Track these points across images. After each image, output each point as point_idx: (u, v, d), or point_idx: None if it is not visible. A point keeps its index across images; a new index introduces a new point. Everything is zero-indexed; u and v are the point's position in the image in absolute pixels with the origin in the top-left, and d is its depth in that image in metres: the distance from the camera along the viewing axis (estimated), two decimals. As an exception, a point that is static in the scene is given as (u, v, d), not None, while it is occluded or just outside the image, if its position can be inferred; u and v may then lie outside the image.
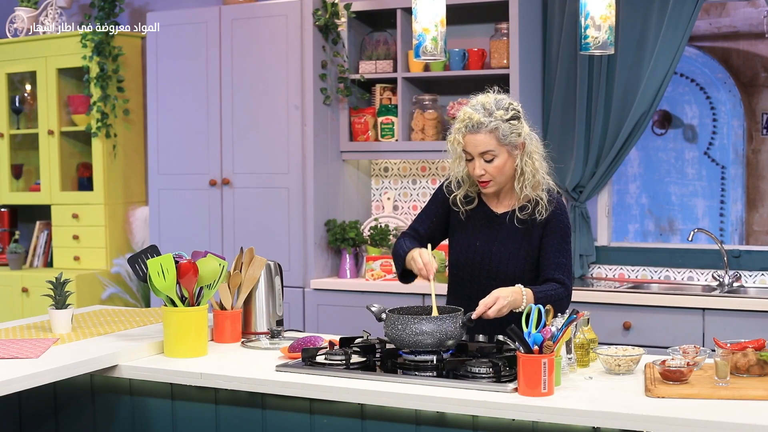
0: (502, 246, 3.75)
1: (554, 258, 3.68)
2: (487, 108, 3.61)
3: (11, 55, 7.18)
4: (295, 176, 5.91)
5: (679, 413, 2.78)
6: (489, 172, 3.63)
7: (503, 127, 3.59)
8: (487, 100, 3.65)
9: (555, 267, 3.67)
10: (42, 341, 3.75)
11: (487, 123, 3.59)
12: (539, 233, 3.72)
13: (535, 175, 3.67)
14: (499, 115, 3.60)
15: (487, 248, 3.76)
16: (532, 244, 3.73)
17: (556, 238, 3.71)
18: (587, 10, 3.61)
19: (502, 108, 3.62)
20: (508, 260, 3.74)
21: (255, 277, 4.07)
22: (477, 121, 3.59)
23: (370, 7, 5.99)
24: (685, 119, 7.98)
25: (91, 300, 6.66)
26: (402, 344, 3.39)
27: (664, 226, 7.97)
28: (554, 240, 3.70)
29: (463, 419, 3.07)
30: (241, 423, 3.45)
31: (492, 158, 3.61)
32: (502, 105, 3.63)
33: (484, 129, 3.59)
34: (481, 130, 3.59)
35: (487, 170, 3.63)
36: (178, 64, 6.27)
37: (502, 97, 3.67)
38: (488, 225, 3.78)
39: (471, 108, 3.64)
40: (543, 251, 3.71)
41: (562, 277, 3.66)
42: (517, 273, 3.72)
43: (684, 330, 5.02)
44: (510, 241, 3.73)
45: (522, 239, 3.73)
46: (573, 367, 3.33)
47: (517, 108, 3.67)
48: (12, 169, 7.30)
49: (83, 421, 3.79)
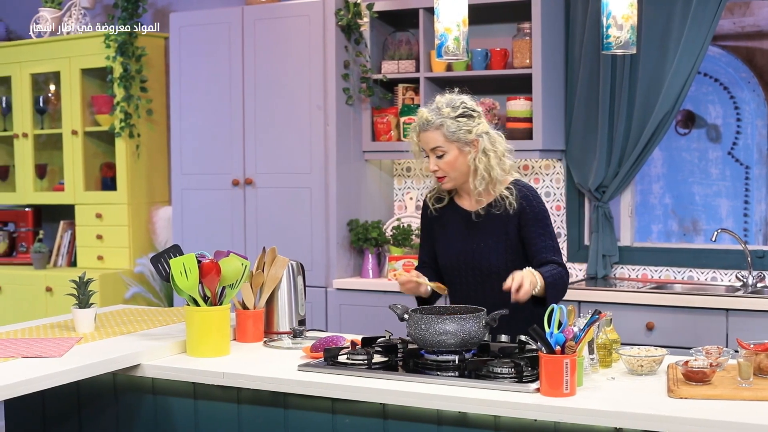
0: (481, 242, 3.86)
1: (540, 243, 3.79)
2: (438, 106, 3.81)
3: (35, 55, 7.21)
4: (318, 176, 5.92)
5: (701, 414, 2.77)
6: (441, 167, 3.81)
7: (448, 123, 3.77)
8: (440, 99, 3.85)
9: (544, 250, 3.78)
10: (65, 340, 3.77)
11: (434, 120, 3.78)
12: (515, 224, 3.82)
13: (490, 173, 3.80)
14: (446, 112, 3.78)
15: (469, 246, 3.88)
16: (509, 235, 3.83)
17: (535, 224, 3.81)
18: (609, 9, 3.59)
19: (451, 106, 3.80)
20: (489, 255, 3.84)
21: (277, 276, 4.07)
22: (425, 119, 3.80)
23: (393, 7, 5.99)
24: (709, 119, 7.94)
25: (115, 299, 6.68)
26: (425, 344, 3.39)
27: (687, 226, 7.94)
28: (533, 227, 3.81)
29: (485, 419, 3.07)
30: (264, 422, 3.46)
31: (442, 154, 3.79)
32: (452, 104, 3.81)
33: (431, 126, 3.79)
34: (430, 128, 3.79)
35: (439, 166, 3.80)
36: (201, 65, 6.29)
37: (456, 97, 3.86)
38: (464, 224, 3.90)
39: (425, 107, 3.85)
40: (527, 241, 3.81)
41: (554, 257, 3.77)
42: (501, 265, 3.81)
43: (707, 331, 5.00)
44: (488, 235, 3.83)
45: (499, 232, 3.83)
46: (595, 368, 3.32)
47: (469, 106, 3.83)
48: (36, 169, 7.34)
49: (106, 419, 3.81)
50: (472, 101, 3.87)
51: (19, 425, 4.06)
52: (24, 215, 7.48)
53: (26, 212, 7.48)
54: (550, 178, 5.94)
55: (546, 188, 5.95)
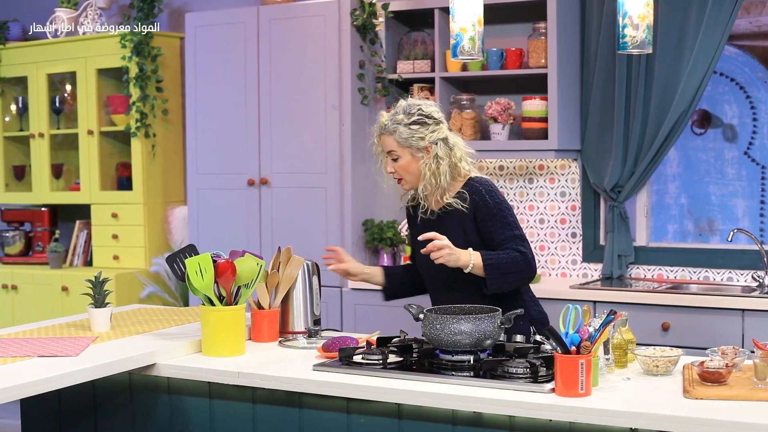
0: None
1: (501, 236, 3.84)
2: (395, 112, 3.93)
3: (51, 55, 7.24)
4: (333, 176, 5.92)
5: (717, 415, 2.76)
6: (396, 170, 3.94)
7: (401, 130, 3.87)
8: (400, 104, 3.96)
9: (505, 241, 3.82)
10: (81, 340, 3.78)
11: (388, 125, 3.91)
12: (471, 220, 3.88)
13: (437, 179, 3.89)
14: (400, 119, 3.89)
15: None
16: (467, 232, 3.89)
17: (491, 218, 3.87)
18: (625, 9, 3.59)
19: (406, 113, 3.90)
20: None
21: (292, 276, 4.08)
22: (382, 123, 3.94)
23: (408, 6, 5.99)
24: (725, 119, 7.90)
25: (130, 299, 6.70)
26: (440, 344, 3.39)
27: (703, 226, 7.91)
28: (490, 221, 3.86)
29: (500, 419, 3.07)
30: (279, 422, 3.47)
31: (397, 158, 3.92)
32: (408, 110, 3.91)
33: (386, 131, 3.92)
34: (385, 132, 3.92)
35: (395, 168, 3.93)
36: (216, 65, 6.30)
37: (414, 103, 3.95)
38: (430, 225, 3.95)
39: (387, 111, 3.98)
40: (487, 237, 3.87)
41: (514, 245, 3.80)
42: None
43: (723, 331, 4.98)
44: (448, 234, 3.84)
45: (458, 229, 3.89)
46: (611, 368, 3.32)
47: (425, 113, 3.92)
48: (52, 168, 7.36)
49: (122, 419, 3.82)
50: (432, 107, 3.95)
51: (35, 424, 4.07)
52: (40, 215, 7.51)
53: (42, 212, 7.50)
54: (565, 178, 5.93)
55: (561, 188, 5.95)
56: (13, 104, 7.55)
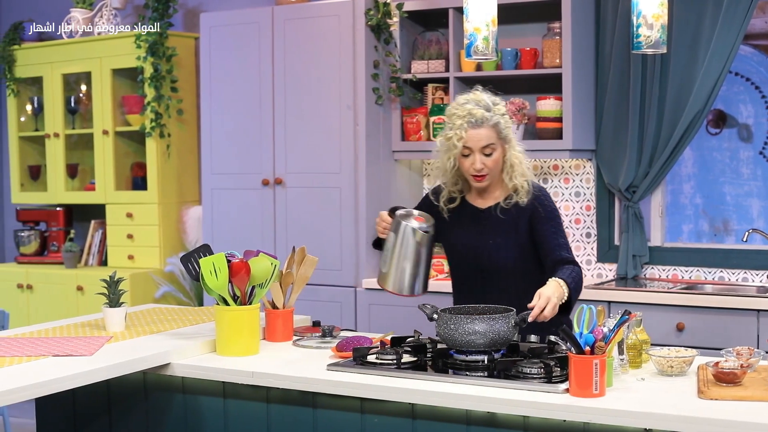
0: (491, 239, 3.85)
1: (554, 240, 3.79)
2: (484, 104, 3.80)
3: (67, 56, 7.26)
4: (347, 176, 5.92)
5: (731, 415, 2.76)
6: (487, 165, 3.79)
7: (502, 121, 3.80)
8: (479, 97, 3.83)
9: (559, 248, 3.77)
10: (96, 339, 3.79)
11: (489, 118, 3.77)
12: (526, 220, 3.83)
13: (522, 164, 3.85)
14: (497, 110, 3.80)
15: (480, 243, 3.88)
16: (519, 231, 3.83)
17: (548, 221, 3.82)
18: (639, 8, 3.58)
19: (497, 104, 3.83)
20: (499, 251, 3.84)
21: (307, 276, 4.08)
22: (480, 117, 3.76)
23: (422, 6, 5.99)
24: (740, 118, 7.87)
25: (145, 299, 6.71)
26: (454, 344, 3.39)
27: (718, 226, 7.88)
28: (546, 224, 3.81)
29: (514, 420, 3.07)
30: (293, 422, 3.47)
31: (491, 152, 3.79)
32: (496, 101, 3.84)
33: (486, 123, 3.77)
34: (484, 125, 3.77)
35: (486, 164, 3.79)
36: (231, 65, 6.30)
37: (491, 96, 3.86)
38: (476, 222, 3.90)
39: (468, 105, 3.80)
40: (540, 237, 3.81)
41: (569, 255, 3.77)
42: (509, 263, 3.83)
43: (738, 331, 4.97)
44: (498, 233, 3.83)
45: (509, 228, 3.84)
46: (625, 368, 3.31)
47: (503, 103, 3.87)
48: (67, 168, 7.38)
49: (136, 418, 3.82)
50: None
51: (50, 424, 4.09)
52: (55, 215, 7.52)
53: (57, 212, 7.52)
54: (580, 178, 5.93)
55: (576, 188, 5.94)
56: (29, 104, 7.58)
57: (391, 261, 3.85)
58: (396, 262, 3.84)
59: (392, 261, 3.84)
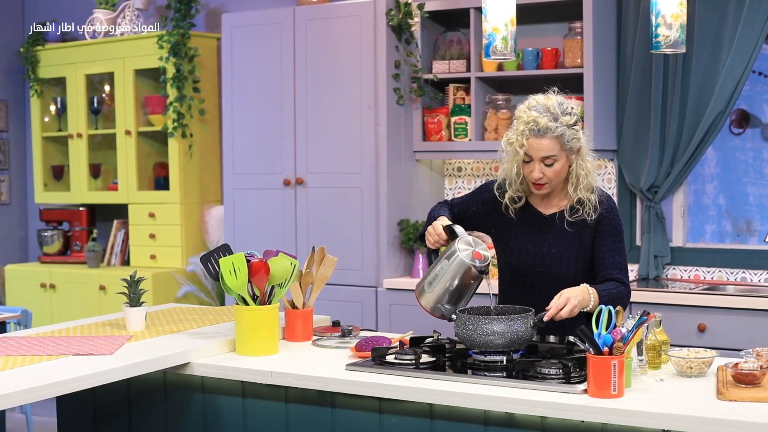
0: (553, 247, 3.73)
1: (609, 258, 3.66)
2: (552, 112, 3.59)
3: (90, 56, 7.29)
4: (369, 176, 5.93)
5: (750, 417, 2.75)
6: (547, 175, 3.63)
7: (568, 133, 3.59)
8: (550, 103, 3.62)
9: (611, 266, 3.65)
10: (116, 338, 3.81)
11: (554, 128, 3.57)
12: (590, 234, 3.70)
13: (588, 176, 3.67)
14: (565, 120, 3.59)
15: (539, 250, 3.75)
16: (583, 244, 3.71)
17: (609, 237, 3.69)
18: (658, 8, 3.57)
19: (567, 113, 3.61)
20: (560, 261, 3.71)
21: (326, 276, 4.08)
22: (544, 126, 3.57)
23: (444, 6, 5.99)
24: (764, 118, 7.83)
25: (167, 298, 6.74)
26: (472, 344, 3.39)
27: (741, 227, 7.85)
28: (607, 240, 3.68)
29: (532, 420, 3.06)
30: (311, 421, 3.48)
31: (552, 163, 3.61)
32: (566, 110, 3.62)
33: (550, 134, 3.57)
34: (547, 135, 3.58)
35: (545, 173, 3.63)
36: (252, 65, 6.32)
37: (564, 101, 3.66)
38: (537, 227, 3.77)
39: (535, 111, 3.60)
40: (597, 252, 3.69)
41: (620, 275, 3.64)
42: (570, 274, 3.69)
43: (760, 332, 4.94)
44: (561, 242, 3.71)
45: (573, 240, 3.71)
46: (644, 369, 3.31)
47: (577, 112, 3.66)
48: (90, 168, 7.41)
49: (156, 417, 3.84)
50: (574, 103, 3.72)
51: (71, 422, 4.11)
52: (78, 214, 7.56)
53: (80, 211, 7.55)
54: (601, 178, 5.91)
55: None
56: (52, 105, 7.61)
57: (435, 285, 3.65)
58: (440, 289, 3.65)
59: (437, 286, 3.65)
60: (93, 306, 6.93)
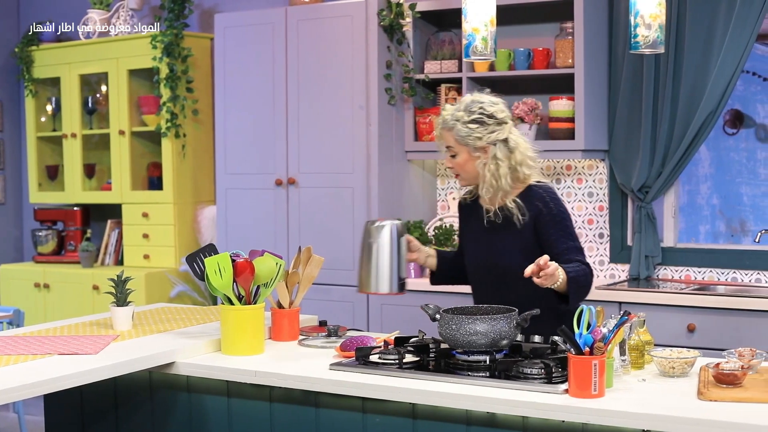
0: (498, 242, 3.85)
1: (561, 245, 3.75)
2: (456, 107, 3.83)
3: (84, 56, 7.30)
4: (360, 176, 5.93)
5: (730, 417, 2.75)
6: (454, 166, 3.86)
7: (459, 127, 3.78)
8: (464, 99, 3.86)
9: (566, 252, 3.73)
10: (102, 338, 3.81)
11: (447, 121, 3.82)
12: (530, 226, 3.79)
13: (497, 182, 3.78)
14: (460, 116, 3.79)
15: (484, 245, 3.90)
16: (524, 236, 3.80)
17: (553, 227, 3.78)
18: (637, 8, 3.58)
19: (467, 110, 3.79)
20: (504, 254, 3.83)
21: (313, 275, 4.09)
22: (442, 119, 3.85)
23: (435, 6, 5.99)
24: (758, 118, 7.84)
25: (160, 297, 6.75)
26: (456, 344, 3.39)
27: (735, 227, 7.85)
28: (552, 230, 3.78)
29: (514, 420, 3.07)
30: (295, 421, 3.48)
31: (454, 154, 3.84)
32: (470, 107, 3.80)
33: (445, 126, 3.83)
34: (444, 127, 3.83)
35: (452, 163, 3.86)
36: (245, 65, 6.33)
37: (477, 100, 3.82)
38: (484, 222, 3.89)
39: (452, 105, 3.87)
40: (546, 244, 3.76)
41: (577, 257, 3.73)
42: (516, 266, 3.68)
43: (750, 333, 4.94)
44: (503, 235, 3.82)
45: (514, 233, 3.81)
46: (627, 369, 3.31)
47: (486, 112, 3.79)
48: (85, 168, 7.42)
49: (142, 416, 3.85)
50: (496, 106, 3.80)
51: (58, 420, 4.12)
52: (72, 214, 7.57)
53: (75, 211, 7.57)
54: (592, 179, 5.91)
55: (588, 188, 5.93)
56: (47, 105, 7.62)
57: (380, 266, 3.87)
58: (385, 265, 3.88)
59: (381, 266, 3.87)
60: (87, 306, 6.94)
